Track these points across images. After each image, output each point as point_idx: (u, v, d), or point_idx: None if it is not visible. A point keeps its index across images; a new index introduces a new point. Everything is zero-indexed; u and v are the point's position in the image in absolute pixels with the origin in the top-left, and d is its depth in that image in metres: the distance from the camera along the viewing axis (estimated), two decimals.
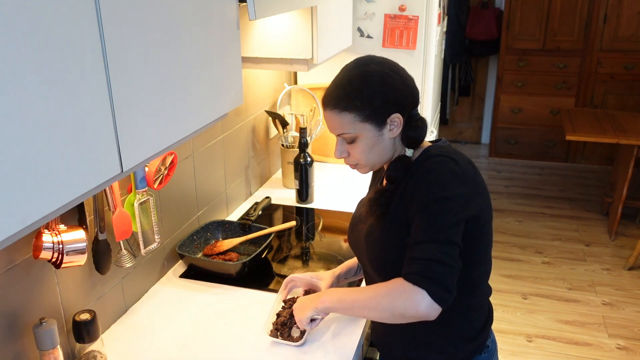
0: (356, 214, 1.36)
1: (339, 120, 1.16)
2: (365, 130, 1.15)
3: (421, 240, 1.07)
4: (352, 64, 1.19)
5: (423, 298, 1.03)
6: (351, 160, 1.22)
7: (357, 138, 1.16)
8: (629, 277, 3.30)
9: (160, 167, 1.41)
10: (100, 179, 0.79)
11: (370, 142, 1.16)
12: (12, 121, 0.63)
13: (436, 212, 1.07)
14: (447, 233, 1.06)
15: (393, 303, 1.06)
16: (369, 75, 1.14)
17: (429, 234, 1.06)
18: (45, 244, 1.10)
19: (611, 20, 4.46)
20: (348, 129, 1.15)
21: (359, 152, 1.18)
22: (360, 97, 1.13)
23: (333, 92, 1.16)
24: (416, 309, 1.04)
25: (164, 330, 1.41)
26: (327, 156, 2.55)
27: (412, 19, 2.32)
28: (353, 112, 1.13)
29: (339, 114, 1.15)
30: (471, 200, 1.11)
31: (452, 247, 1.06)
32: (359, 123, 1.14)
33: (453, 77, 5.07)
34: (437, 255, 1.04)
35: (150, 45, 0.86)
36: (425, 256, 1.05)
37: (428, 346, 1.23)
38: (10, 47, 0.61)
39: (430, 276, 1.03)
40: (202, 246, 1.73)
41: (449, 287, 1.04)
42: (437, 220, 1.07)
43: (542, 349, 2.74)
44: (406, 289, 1.05)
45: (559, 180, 4.66)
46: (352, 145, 1.18)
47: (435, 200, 1.08)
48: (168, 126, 0.94)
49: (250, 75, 2.10)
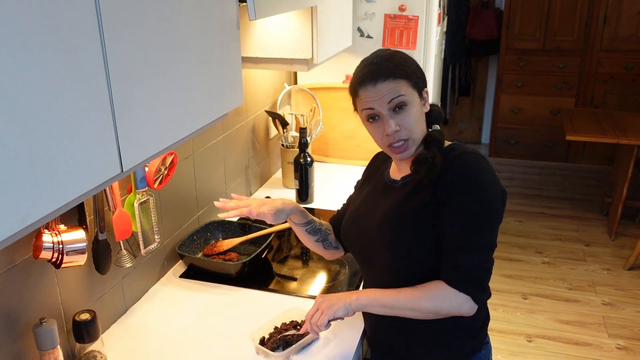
0: (353, 209, 1.36)
1: (395, 86, 1.15)
2: (414, 97, 1.18)
3: (466, 248, 1.11)
4: (380, 50, 1.23)
5: (467, 302, 1.11)
6: (402, 134, 1.17)
7: (408, 105, 1.16)
8: (629, 277, 3.30)
9: (160, 167, 1.41)
10: (100, 179, 0.79)
11: (417, 111, 1.18)
12: (12, 121, 0.63)
13: (479, 214, 1.11)
14: (488, 238, 1.13)
15: (437, 306, 1.12)
16: (401, 53, 1.21)
17: (474, 242, 1.11)
18: (45, 244, 1.10)
19: (611, 20, 4.45)
20: (404, 92, 1.16)
21: (410, 121, 1.17)
22: (408, 67, 1.18)
23: (383, 66, 1.17)
24: (459, 311, 1.12)
25: (164, 330, 1.40)
26: (327, 156, 2.55)
27: (412, 19, 2.32)
28: (406, 78, 1.16)
29: (394, 80, 1.15)
30: (503, 198, 1.16)
31: (491, 251, 1.14)
32: (411, 89, 1.17)
33: (453, 77, 5.06)
34: (481, 264, 1.12)
35: (151, 45, 0.86)
36: (470, 265, 1.11)
37: (434, 342, 1.24)
38: (11, 47, 0.61)
39: (475, 284, 1.12)
40: (202, 246, 1.73)
41: (487, 289, 1.15)
42: (481, 224, 1.11)
43: (542, 349, 2.74)
44: (450, 294, 1.11)
45: (559, 180, 4.66)
46: (402, 116, 1.16)
47: (477, 202, 1.11)
48: (168, 126, 0.94)
49: (250, 75, 2.10)
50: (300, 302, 1.50)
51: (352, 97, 1.24)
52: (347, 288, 1.57)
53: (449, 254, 1.13)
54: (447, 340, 1.24)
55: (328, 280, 1.62)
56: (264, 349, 1.27)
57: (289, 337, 1.30)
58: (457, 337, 1.24)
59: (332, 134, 2.48)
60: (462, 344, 1.25)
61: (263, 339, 1.31)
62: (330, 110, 2.43)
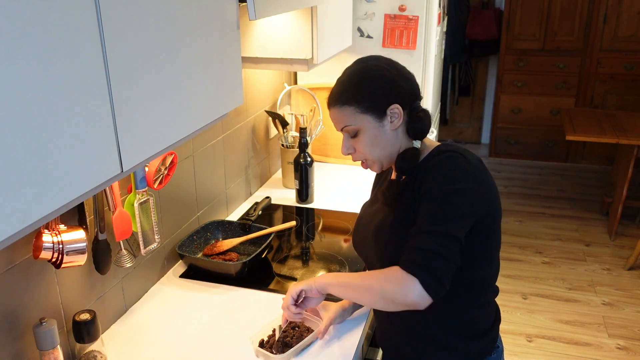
0: (361, 216, 1.37)
1: (341, 114, 1.19)
2: (366, 122, 1.18)
3: (422, 230, 1.08)
4: (353, 63, 1.24)
5: (414, 286, 1.03)
6: (358, 156, 1.24)
7: (359, 131, 1.19)
8: (629, 277, 3.30)
9: (160, 167, 1.41)
10: (100, 179, 0.79)
11: (372, 135, 1.18)
12: (12, 121, 0.63)
13: (441, 204, 1.08)
14: (448, 226, 1.06)
15: (384, 287, 1.08)
16: (366, 69, 1.19)
17: (430, 225, 1.07)
18: (45, 244, 1.10)
19: (611, 20, 4.46)
20: (349, 122, 1.19)
21: (363, 146, 1.20)
22: (359, 90, 1.17)
23: (335, 90, 1.22)
24: (405, 295, 1.04)
25: (164, 330, 1.40)
26: (327, 156, 2.55)
27: (412, 19, 2.32)
28: (353, 104, 1.17)
29: (340, 108, 1.19)
30: (478, 197, 1.11)
31: (451, 241, 1.06)
32: (359, 115, 1.17)
33: (453, 77, 5.06)
34: (434, 246, 1.05)
35: (151, 45, 0.86)
36: (422, 246, 1.05)
37: (437, 344, 1.23)
38: (11, 47, 0.61)
39: (425, 266, 1.04)
40: (202, 246, 1.73)
41: (442, 280, 1.04)
42: (441, 212, 1.08)
43: (542, 349, 2.74)
44: (399, 275, 1.06)
45: (559, 180, 4.66)
46: (356, 140, 1.21)
47: (441, 192, 1.09)
48: (168, 126, 0.94)
49: (250, 75, 2.10)
50: None
51: None
52: None
53: (409, 239, 1.10)
54: (449, 341, 1.23)
55: None
56: (263, 352, 1.27)
57: (288, 339, 1.30)
58: (461, 340, 1.23)
59: (332, 134, 2.48)
60: (466, 347, 1.23)
61: (262, 341, 1.31)
62: None
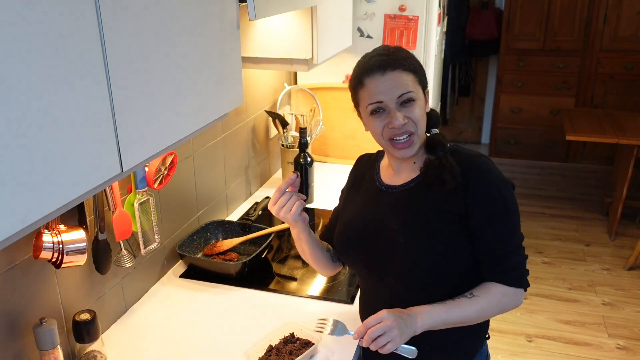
0: (348, 219, 1.30)
1: (404, 79, 1.14)
2: (420, 94, 1.18)
3: (511, 249, 1.17)
4: (382, 46, 1.22)
5: (522, 295, 1.20)
6: (409, 126, 1.15)
7: (415, 101, 1.16)
8: (628, 277, 3.30)
9: (160, 167, 1.41)
10: (100, 179, 0.79)
11: (422, 108, 1.19)
12: (13, 121, 0.63)
13: (512, 215, 1.16)
14: (520, 234, 1.19)
15: (503, 308, 1.19)
16: (406, 50, 1.21)
17: (515, 240, 1.17)
18: (45, 244, 1.10)
19: (611, 20, 4.45)
20: (411, 88, 1.15)
21: (417, 115, 1.16)
22: (415, 62, 1.19)
23: (391, 56, 1.16)
24: (516, 305, 1.20)
25: (164, 330, 1.41)
26: (327, 156, 2.55)
27: (412, 19, 2.32)
28: (413, 74, 1.17)
29: (403, 72, 1.15)
30: (513, 186, 1.21)
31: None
32: (417, 86, 1.18)
33: (453, 77, 5.06)
34: (524, 258, 1.19)
35: (150, 45, 0.86)
36: (519, 263, 1.18)
37: (443, 342, 1.23)
38: (11, 48, 0.61)
39: (524, 275, 1.19)
40: (202, 246, 1.73)
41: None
42: (513, 222, 1.17)
43: (542, 349, 2.74)
44: (510, 292, 1.17)
45: (559, 180, 4.66)
46: (409, 109, 1.15)
47: (505, 203, 1.15)
48: (168, 126, 0.94)
49: (250, 75, 2.10)
50: (297, 311, 1.49)
51: (354, 90, 1.20)
52: (346, 288, 1.57)
53: (496, 257, 1.16)
54: (454, 339, 1.24)
55: (328, 280, 1.62)
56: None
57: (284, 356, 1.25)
58: (467, 335, 1.25)
59: (332, 134, 2.48)
60: (473, 345, 1.28)
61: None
62: (330, 110, 2.43)
